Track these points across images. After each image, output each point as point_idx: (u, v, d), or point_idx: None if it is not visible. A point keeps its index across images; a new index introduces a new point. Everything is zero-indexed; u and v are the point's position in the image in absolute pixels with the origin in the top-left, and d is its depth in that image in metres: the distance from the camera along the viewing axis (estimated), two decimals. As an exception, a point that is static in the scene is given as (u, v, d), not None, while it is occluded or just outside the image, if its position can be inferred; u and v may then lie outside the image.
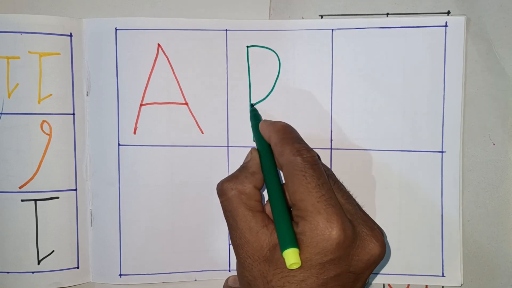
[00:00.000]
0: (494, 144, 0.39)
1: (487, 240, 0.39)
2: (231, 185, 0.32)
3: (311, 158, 0.30)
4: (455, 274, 0.39)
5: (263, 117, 0.39)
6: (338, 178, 0.33)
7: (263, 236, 0.30)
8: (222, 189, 0.32)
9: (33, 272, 0.39)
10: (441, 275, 0.39)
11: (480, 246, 0.39)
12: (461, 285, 0.39)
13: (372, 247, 0.30)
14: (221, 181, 0.32)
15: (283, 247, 0.28)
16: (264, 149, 0.34)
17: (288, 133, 0.33)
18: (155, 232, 0.40)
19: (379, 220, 0.39)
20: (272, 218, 0.31)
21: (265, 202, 0.33)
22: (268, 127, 0.34)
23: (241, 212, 0.31)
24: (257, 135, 0.35)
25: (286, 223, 0.29)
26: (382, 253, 0.30)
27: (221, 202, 0.32)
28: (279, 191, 0.31)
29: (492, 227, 0.39)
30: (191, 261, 0.40)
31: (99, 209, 0.40)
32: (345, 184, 0.39)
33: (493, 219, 0.39)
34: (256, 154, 0.34)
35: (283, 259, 0.28)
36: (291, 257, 0.28)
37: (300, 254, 0.28)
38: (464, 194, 0.39)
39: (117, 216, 0.40)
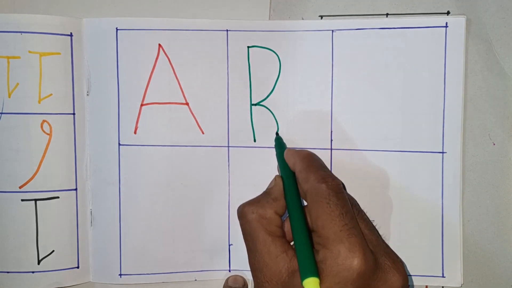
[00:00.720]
0: (494, 144, 0.39)
1: (487, 240, 0.39)
2: (252, 208, 0.31)
3: (336, 186, 0.30)
4: (455, 274, 0.39)
5: (264, 117, 0.39)
6: (339, 179, 0.33)
7: (282, 261, 0.29)
8: (242, 212, 0.32)
9: (33, 272, 0.39)
10: (441, 275, 0.39)
11: (480, 246, 0.39)
12: (461, 285, 0.39)
13: (395, 280, 0.29)
14: (242, 204, 0.32)
15: (304, 276, 0.28)
16: (288, 177, 0.34)
17: (313, 160, 0.33)
18: (155, 232, 0.40)
19: (379, 220, 0.39)
20: (291, 244, 0.31)
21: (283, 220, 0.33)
22: (293, 155, 0.34)
23: (261, 236, 0.30)
24: (282, 163, 0.35)
25: (307, 250, 0.29)
26: (405, 287, 0.30)
27: (241, 225, 0.32)
28: (301, 218, 0.31)
29: (492, 227, 0.39)
30: (191, 261, 0.40)
31: (99, 209, 0.40)
32: (345, 184, 0.39)
33: (493, 219, 0.39)
34: (279, 181, 0.34)
35: (303, 287, 0.28)
36: (311, 286, 0.27)
37: (320, 283, 0.28)
38: (464, 194, 0.39)
39: (117, 216, 0.40)
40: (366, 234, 0.31)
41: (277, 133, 0.39)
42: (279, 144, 0.38)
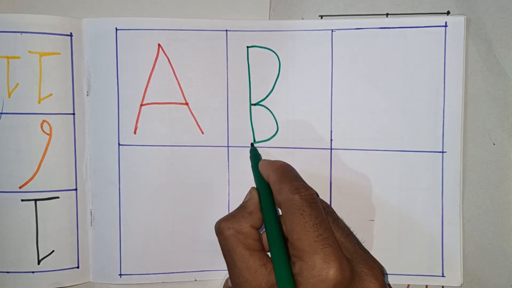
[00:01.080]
0: (494, 144, 0.39)
1: (487, 240, 0.39)
2: (228, 224, 0.32)
3: (309, 196, 0.30)
4: (455, 274, 0.39)
5: (264, 117, 0.39)
6: (338, 179, 0.33)
7: (261, 275, 0.30)
8: (219, 228, 0.32)
9: (33, 272, 0.39)
10: (441, 275, 0.39)
11: (480, 246, 0.39)
12: (461, 285, 0.39)
13: (371, 287, 0.30)
14: (219, 220, 0.32)
15: None
16: (263, 188, 0.33)
17: (286, 171, 0.33)
18: (155, 232, 0.40)
19: (379, 220, 0.39)
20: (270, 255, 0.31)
21: (261, 232, 0.33)
22: (267, 166, 0.34)
23: (238, 252, 0.31)
24: (257, 175, 0.35)
25: (284, 264, 0.29)
26: None
27: (219, 241, 0.32)
28: (277, 231, 0.31)
29: (492, 227, 0.39)
30: (191, 261, 0.40)
31: (99, 209, 0.40)
32: (345, 184, 0.39)
33: (493, 219, 0.39)
34: (255, 193, 0.34)
35: None
36: None
37: None
38: (464, 194, 0.39)
39: (117, 216, 0.40)
40: (342, 243, 0.31)
41: (252, 144, 0.39)
42: (255, 155, 0.38)
